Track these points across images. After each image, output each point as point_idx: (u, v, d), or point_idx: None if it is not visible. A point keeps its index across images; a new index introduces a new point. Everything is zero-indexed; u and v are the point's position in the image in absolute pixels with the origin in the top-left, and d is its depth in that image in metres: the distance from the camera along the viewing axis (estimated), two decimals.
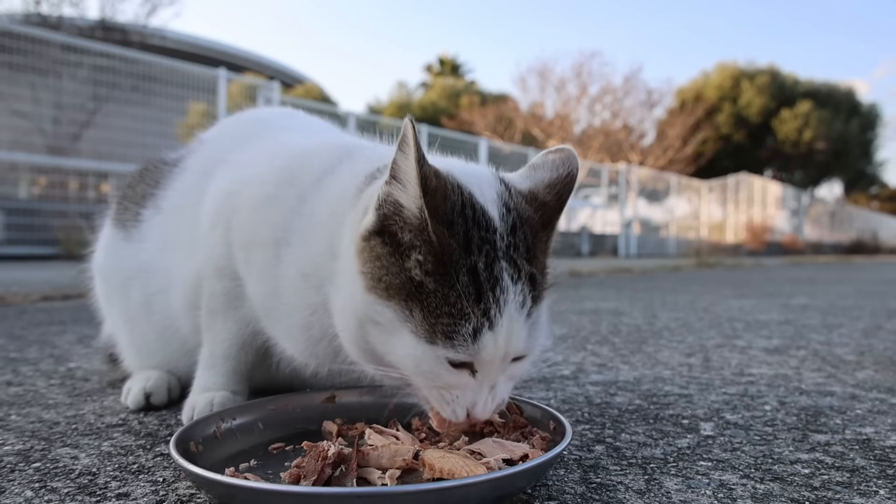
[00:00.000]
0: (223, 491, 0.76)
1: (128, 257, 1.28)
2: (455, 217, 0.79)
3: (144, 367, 1.35)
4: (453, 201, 0.80)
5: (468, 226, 0.80)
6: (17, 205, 8.46)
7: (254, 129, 1.32)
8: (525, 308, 0.81)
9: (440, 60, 38.43)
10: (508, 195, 0.86)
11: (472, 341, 0.78)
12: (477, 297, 0.78)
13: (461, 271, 0.78)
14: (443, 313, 0.78)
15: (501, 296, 0.78)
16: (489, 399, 0.84)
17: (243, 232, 1.08)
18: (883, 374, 1.70)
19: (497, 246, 0.80)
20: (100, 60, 8.58)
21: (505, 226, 0.82)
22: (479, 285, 0.78)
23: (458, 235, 0.79)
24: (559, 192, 0.89)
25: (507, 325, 0.79)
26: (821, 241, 26.00)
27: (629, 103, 26.13)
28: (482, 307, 0.78)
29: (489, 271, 0.79)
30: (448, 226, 0.79)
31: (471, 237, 0.79)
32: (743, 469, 0.96)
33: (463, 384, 0.82)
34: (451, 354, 0.79)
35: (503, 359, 0.81)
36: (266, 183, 1.07)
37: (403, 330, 0.80)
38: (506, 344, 0.80)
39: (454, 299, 0.78)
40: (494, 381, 0.83)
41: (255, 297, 1.08)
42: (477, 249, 0.79)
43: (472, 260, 0.78)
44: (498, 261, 0.79)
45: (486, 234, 0.80)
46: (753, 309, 3.43)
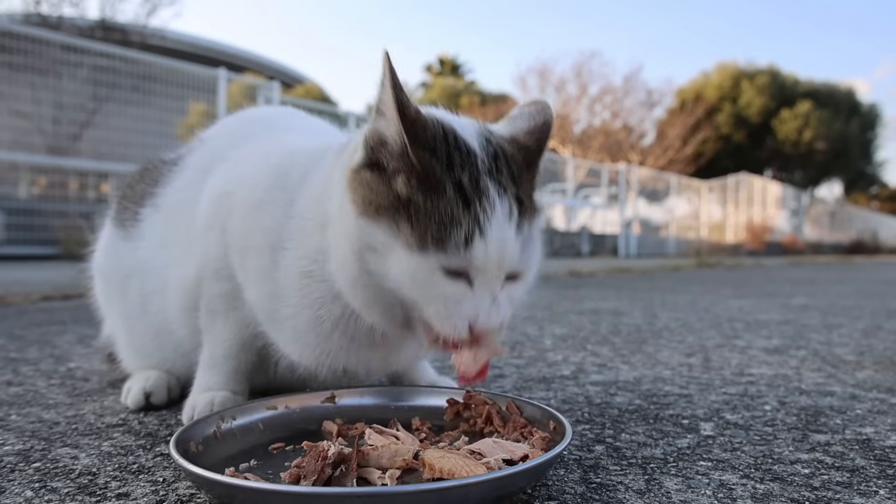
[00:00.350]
0: (223, 491, 0.76)
1: (126, 256, 1.28)
2: (437, 143, 0.85)
3: (142, 367, 1.35)
4: (434, 131, 0.86)
5: (450, 150, 0.85)
6: (17, 205, 8.45)
7: (253, 128, 1.32)
8: (513, 219, 0.83)
9: (440, 60, 38.43)
10: (490, 134, 0.91)
11: (464, 247, 0.81)
12: (465, 204, 0.82)
13: (447, 184, 0.83)
14: (432, 222, 0.82)
15: (489, 205, 0.82)
16: (492, 310, 0.84)
17: (237, 237, 1.08)
18: (883, 374, 1.70)
19: (479, 168, 0.85)
20: (100, 60, 8.57)
21: (485, 154, 0.87)
22: (465, 196, 0.82)
23: (441, 158, 0.84)
24: (538, 137, 0.94)
25: (497, 231, 0.82)
26: (821, 241, 25.99)
27: (629, 103, 26.16)
28: (472, 213, 0.81)
29: (474, 185, 0.83)
30: (430, 151, 0.84)
31: (453, 159, 0.84)
32: (743, 469, 0.96)
33: (461, 293, 0.84)
34: (444, 260, 0.82)
35: (498, 266, 0.83)
36: (257, 186, 1.07)
37: (396, 246, 0.84)
38: (498, 250, 0.82)
39: (443, 208, 0.82)
40: (494, 292, 0.84)
41: (254, 301, 1.08)
42: (460, 168, 0.84)
43: (456, 175, 0.83)
44: (482, 177, 0.84)
45: (468, 158, 0.85)
46: (753, 309, 3.43)
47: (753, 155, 30.14)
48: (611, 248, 16.43)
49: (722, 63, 32.00)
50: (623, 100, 25.97)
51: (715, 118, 28.48)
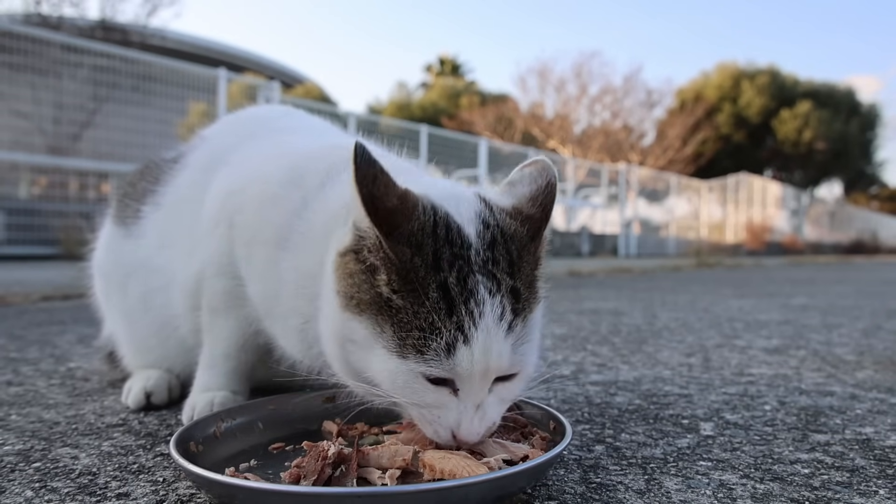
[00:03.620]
0: (223, 491, 0.76)
1: (127, 254, 1.28)
2: (423, 237, 0.79)
3: (142, 365, 1.35)
4: (422, 221, 0.80)
5: (438, 245, 0.79)
6: (17, 205, 8.45)
7: (255, 126, 1.32)
8: (504, 321, 0.78)
9: (440, 60, 38.43)
10: (489, 212, 0.85)
11: (445, 356, 0.76)
12: (448, 310, 0.76)
13: (430, 287, 0.77)
14: (413, 327, 0.77)
15: (476, 308, 0.77)
16: (475, 419, 0.80)
17: (246, 229, 1.07)
18: (883, 374, 1.70)
19: (472, 261, 0.79)
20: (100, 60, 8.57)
21: (481, 242, 0.81)
22: (450, 299, 0.77)
23: (426, 254, 0.78)
24: (542, 203, 0.88)
25: (483, 338, 0.77)
26: (821, 241, 25.99)
27: (629, 103, 26.17)
28: (455, 320, 0.76)
29: (462, 285, 0.77)
30: (415, 246, 0.78)
31: (440, 255, 0.78)
32: (743, 469, 0.96)
33: (443, 403, 0.80)
34: (424, 369, 0.77)
35: (484, 375, 0.78)
36: (271, 182, 1.07)
37: (377, 346, 0.80)
38: (483, 358, 0.77)
39: (424, 314, 0.77)
40: (479, 401, 0.80)
41: (256, 296, 1.08)
42: (448, 266, 0.78)
43: (442, 276, 0.77)
44: (472, 275, 0.78)
45: (459, 251, 0.79)
46: (753, 309, 3.43)
47: (753, 155, 30.15)
48: (611, 248, 16.43)
49: (722, 63, 32.03)
50: (623, 100, 25.99)
51: (715, 118, 28.48)
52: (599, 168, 18.34)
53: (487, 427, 0.82)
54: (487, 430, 0.83)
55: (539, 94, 26.03)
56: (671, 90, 28.44)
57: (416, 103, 29.63)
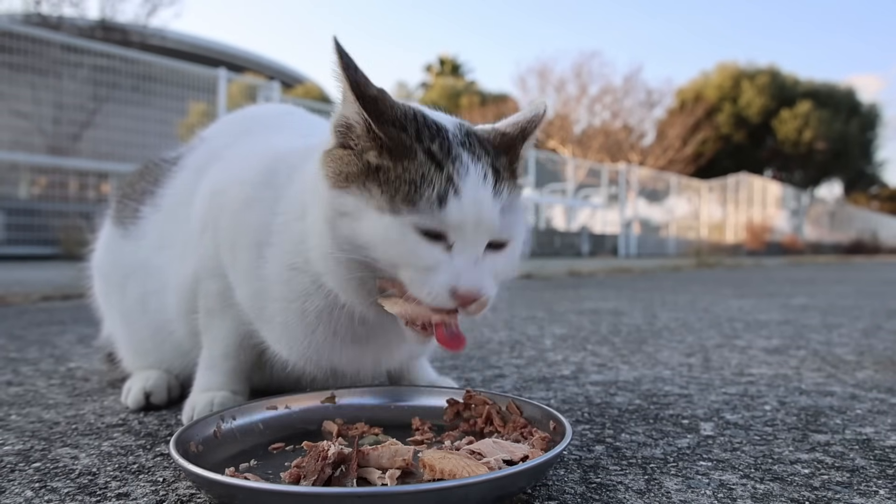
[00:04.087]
0: (223, 491, 0.76)
1: (126, 255, 1.28)
2: (406, 121, 0.85)
3: (141, 367, 1.35)
4: (403, 110, 0.86)
5: (419, 126, 0.85)
6: (17, 205, 8.45)
7: (253, 125, 1.32)
8: (489, 181, 0.82)
9: (440, 60, 38.43)
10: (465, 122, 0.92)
11: (437, 206, 0.79)
12: (438, 166, 0.81)
13: (417, 151, 0.82)
14: (403, 183, 0.81)
15: (461, 167, 0.81)
16: (476, 273, 0.80)
17: (228, 234, 1.08)
18: (883, 374, 1.70)
19: (450, 140, 0.84)
20: (100, 60, 8.57)
21: (458, 131, 0.87)
22: (437, 159, 0.81)
23: (410, 131, 0.84)
24: (523, 126, 0.93)
25: (472, 190, 0.80)
26: (821, 241, 25.98)
27: (629, 103, 26.17)
28: (445, 174, 0.80)
29: (446, 152, 0.82)
30: (399, 127, 0.84)
31: (422, 132, 0.84)
32: (743, 469, 0.96)
33: (438, 260, 0.81)
34: (417, 219, 0.80)
35: (476, 226, 0.80)
36: (246, 184, 1.07)
37: (368, 210, 0.83)
38: (474, 208, 0.80)
39: (414, 170, 0.81)
40: (475, 255, 0.81)
41: (244, 299, 1.08)
42: (429, 139, 0.83)
43: (426, 144, 0.83)
44: (454, 147, 0.84)
45: (438, 132, 0.85)
46: (753, 309, 3.43)
47: (753, 155, 30.14)
48: (611, 248, 16.43)
49: (722, 63, 32.04)
50: (623, 100, 26.00)
51: (715, 118, 28.49)
52: (599, 168, 18.34)
53: (485, 287, 0.81)
54: (487, 294, 0.82)
55: (539, 95, 26.02)
56: (671, 90, 28.47)
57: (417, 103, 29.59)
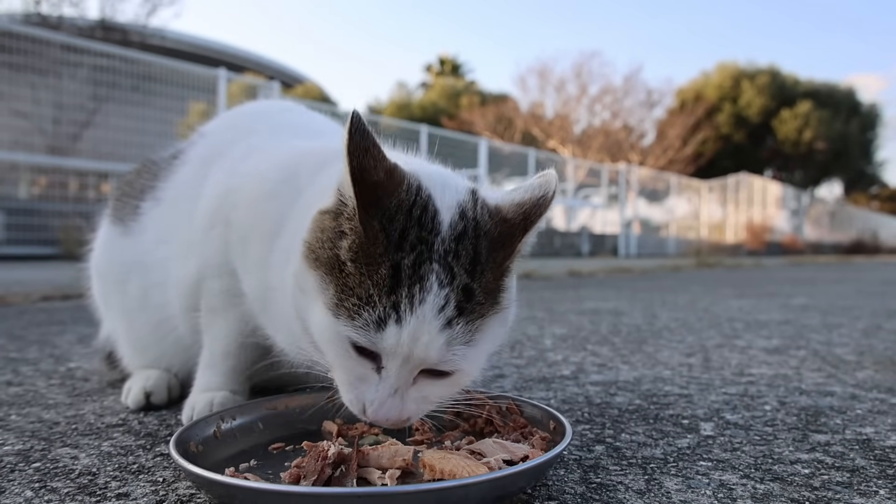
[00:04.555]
0: (223, 491, 0.76)
1: (126, 251, 1.28)
2: (397, 214, 0.80)
3: (141, 365, 1.35)
4: (401, 199, 0.81)
5: (408, 224, 0.80)
6: (17, 205, 8.46)
7: (254, 122, 1.32)
8: (444, 315, 0.77)
9: (440, 60, 38.43)
10: (471, 206, 0.84)
11: (374, 329, 0.77)
12: (391, 289, 0.77)
13: (383, 264, 0.78)
14: (353, 294, 0.79)
15: (418, 295, 0.77)
16: (388, 403, 0.80)
17: (242, 225, 1.08)
18: (883, 374, 1.70)
19: (434, 249, 0.79)
20: (100, 60, 8.58)
21: (451, 232, 0.81)
22: (398, 279, 0.77)
23: (394, 232, 0.79)
24: (527, 212, 0.86)
25: (415, 324, 0.77)
26: (821, 241, 25.99)
27: (629, 103, 26.18)
28: (392, 300, 0.77)
29: (414, 269, 0.78)
30: (386, 221, 0.80)
31: (406, 235, 0.79)
32: (743, 469, 0.96)
33: (364, 377, 0.82)
34: (352, 334, 0.79)
35: (407, 360, 0.78)
36: (266, 180, 1.08)
37: (319, 300, 0.82)
38: (410, 342, 0.77)
39: (368, 286, 0.78)
40: (397, 385, 0.80)
41: (251, 290, 1.08)
42: (410, 248, 0.79)
43: (400, 256, 0.78)
44: (429, 263, 0.78)
45: (426, 236, 0.80)
46: (753, 309, 3.43)
47: (753, 155, 30.14)
48: (611, 248, 16.43)
49: (722, 63, 32.04)
50: (623, 100, 26.01)
51: (715, 118, 28.49)
52: (599, 168, 18.34)
53: (400, 416, 0.81)
54: (400, 420, 0.82)
55: (539, 94, 26.05)
56: (671, 90, 28.49)
57: (416, 103, 29.63)
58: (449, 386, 0.84)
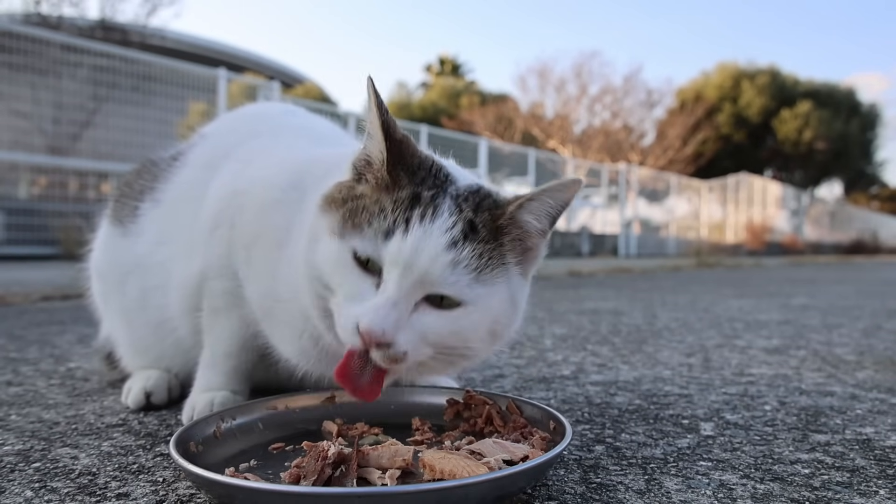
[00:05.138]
0: (223, 491, 0.76)
1: (125, 252, 1.28)
2: (420, 170, 0.88)
3: (141, 365, 1.35)
4: (423, 159, 0.89)
5: (427, 175, 0.88)
6: (17, 205, 8.45)
7: (256, 124, 1.32)
8: (450, 234, 0.82)
9: (440, 60, 38.43)
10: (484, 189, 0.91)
11: (382, 239, 0.82)
12: (406, 208, 0.83)
13: (405, 188, 0.85)
14: (366, 211, 0.85)
15: (431, 215, 0.82)
16: (382, 312, 0.80)
17: (247, 232, 1.08)
18: (883, 374, 1.70)
19: (448, 192, 0.86)
20: (100, 60, 8.57)
21: (467, 189, 0.88)
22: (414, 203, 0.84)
23: (417, 177, 0.87)
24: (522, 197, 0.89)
25: (421, 234, 0.81)
26: (821, 241, 25.98)
27: (629, 103, 26.16)
28: (406, 216, 0.82)
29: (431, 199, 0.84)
30: (410, 172, 0.87)
31: (426, 180, 0.87)
32: (743, 469, 0.96)
33: (363, 291, 0.83)
34: (357, 244, 0.83)
35: (408, 268, 0.80)
36: (273, 187, 1.08)
37: (327, 233, 0.87)
38: (413, 251, 0.80)
39: (384, 203, 0.84)
40: (396, 297, 0.81)
41: (254, 297, 1.08)
42: (429, 187, 0.86)
43: (420, 189, 0.85)
44: (443, 197, 0.85)
45: (443, 184, 0.87)
46: (753, 309, 3.43)
47: (753, 155, 30.13)
48: (611, 248, 16.43)
49: (722, 63, 32.03)
50: (623, 100, 25.99)
51: (715, 118, 28.48)
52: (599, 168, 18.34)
53: (393, 330, 0.81)
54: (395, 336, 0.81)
55: (539, 94, 26.04)
56: (671, 90, 28.45)
57: (416, 103, 29.63)
58: (450, 322, 0.84)
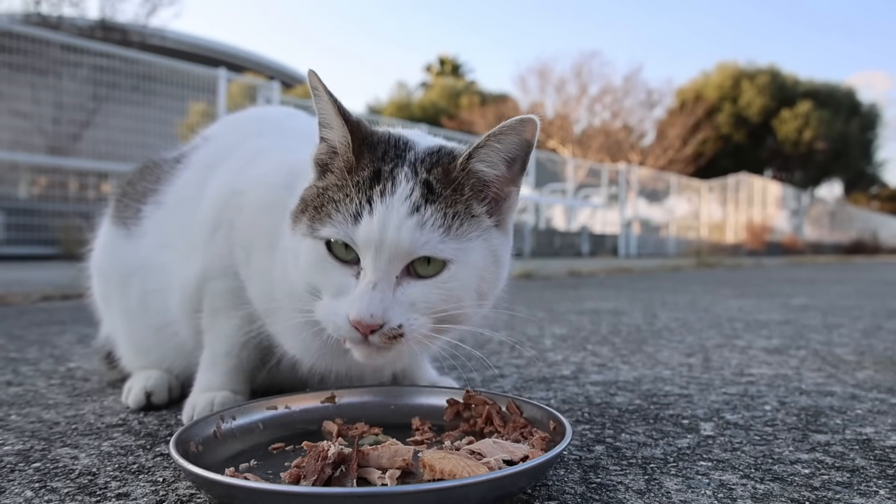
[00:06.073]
0: (223, 491, 0.76)
1: (128, 254, 1.28)
2: (380, 144, 0.92)
3: (141, 366, 1.35)
4: (381, 135, 0.94)
5: (387, 148, 0.92)
6: (17, 205, 8.45)
7: (258, 127, 1.32)
8: (409, 201, 0.85)
9: (440, 60, 38.43)
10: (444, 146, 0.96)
11: (352, 222, 0.84)
12: (368, 187, 0.86)
13: (367, 168, 0.89)
14: (332, 200, 0.88)
15: (389, 189, 0.86)
16: (370, 297, 0.83)
17: (246, 233, 1.08)
18: (883, 374, 1.70)
19: (407, 159, 0.90)
20: (100, 60, 8.57)
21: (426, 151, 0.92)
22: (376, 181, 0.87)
23: (378, 152, 0.91)
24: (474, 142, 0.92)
25: (383, 210, 0.84)
26: (821, 241, 25.98)
27: (629, 103, 26.17)
28: (368, 195, 0.86)
29: (390, 173, 0.88)
30: (371, 148, 0.91)
31: (387, 154, 0.91)
32: (743, 469, 0.96)
33: (346, 286, 0.86)
34: (330, 233, 0.85)
35: (381, 246, 0.83)
36: (270, 187, 1.08)
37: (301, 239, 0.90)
38: (381, 228, 0.83)
39: (348, 189, 0.87)
40: (376, 278, 0.84)
41: (255, 297, 1.08)
42: (389, 160, 0.90)
43: (381, 164, 0.89)
44: (401, 166, 0.89)
45: (402, 153, 0.91)
46: (753, 309, 3.43)
47: (753, 155, 30.13)
48: (611, 248, 16.42)
49: (722, 63, 32.03)
50: (623, 100, 25.99)
51: (715, 118, 28.48)
52: (599, 168, 18.34)
53: (383, 313, 0.83)
54: (385, 318, 0.83)
55: (539, 94, 26.03)
56: (671, 90, 28.46)
57: (416, 103, 29.63)
58: (436, 288, 0.87)
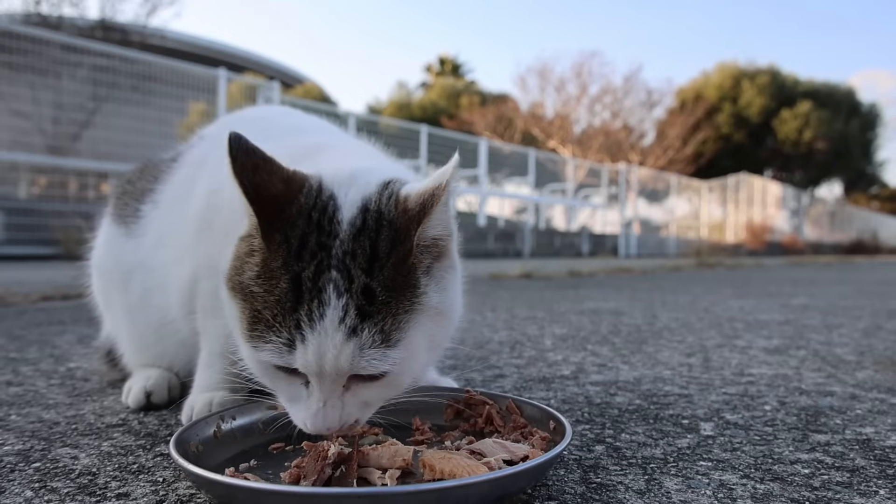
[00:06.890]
0: (223, 491, 0.76)
1: (128, 253, 1.28)
2: (298, 220, 0.79)
3: (143, 362, 1.35)
4: (300, 204, 0.80)
5: (307, 230, 0.78)
6: (17, 205, 8.46)
7: (257, 126, 1.32)
8: (345, 325, 0.75)
9: (440, 60, 38.44)
10: (378, 199, 0.82)
11: (287, 350, 0.76)
12: (293, 307, 0.76)
13: (283, 277, 0.77)
14: (262, 319, 0.78)
15: (317, 310, 0.75)
16: (321, 414, 0.79)
17: (222, 233, 1.07)
18: (883, 374, 1.70)
19: (333, 254, 0.77)
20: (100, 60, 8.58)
21: (351, 230, 0.78)
22: (298, 295, 0.76)
23: (293, 241, 0.78)
24: (424, 202, 0.79)
25: (317, 340, 0.75)
26: (821, 241, 25.99)
27: (629, 103, 26.18)
28: (295, 318, 0.75)
29: (313, 281, 0.76)
30: (287, 230, 0.78)
31: (306, 243, 0.78)
32: (743, 469, 0.96)
33: (297, 394, 0.81)
34: (270, 358, 0.78)
35: (320, 375, 0.77)
36: None
37: (239, 329, 0.82)
38: (317, 360, 0.75)
39: (272, 306, 0.77)
40: (324, 398, 0.79)
41: None
42: (310, 257, 0.77)
43: (300, 267, 0.77)
44: (328, 271, 0.76)
45: (325, 240, 0.78)
46: (753, 309, 3.43)
47: (753, 155, 30.14)
48: (611, 248, 16.43)
49: (722, 63, 32.04)
50: (623, 100, 26.00)
51: (715, 118, 28.49)
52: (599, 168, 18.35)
53: (340, 423, 0.81)
54: (344, 426, 0.81)
55: (539, 94, 26.05)
56: (671, 90, 28.47)
57: (416, 103, 29.62)
58: (385, 387, 0.82)
